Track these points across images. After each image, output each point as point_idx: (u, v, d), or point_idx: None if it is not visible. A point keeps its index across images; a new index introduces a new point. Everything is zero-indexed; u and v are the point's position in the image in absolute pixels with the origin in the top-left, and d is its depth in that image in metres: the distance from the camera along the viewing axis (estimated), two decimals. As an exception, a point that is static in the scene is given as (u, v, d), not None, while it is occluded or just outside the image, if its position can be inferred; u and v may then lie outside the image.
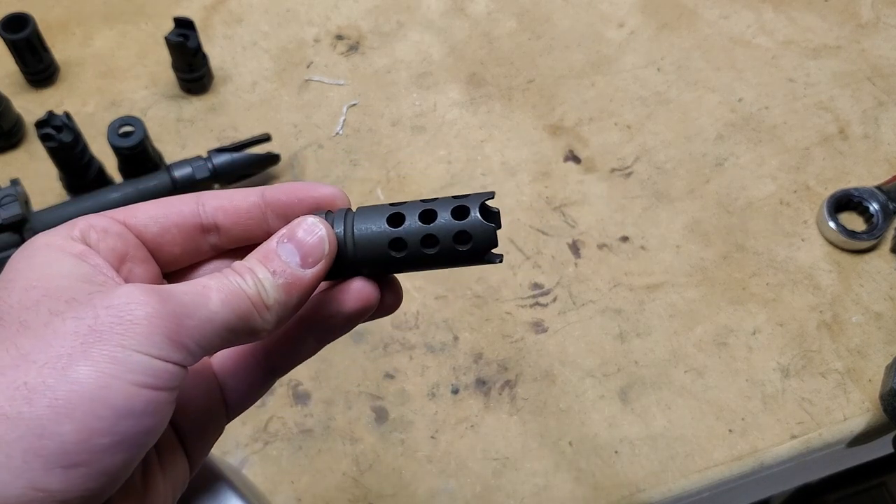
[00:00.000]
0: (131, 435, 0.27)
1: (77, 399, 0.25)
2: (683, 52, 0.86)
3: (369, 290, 0.34)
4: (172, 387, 0.28)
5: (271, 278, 0.31)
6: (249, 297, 0.30)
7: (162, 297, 0.28)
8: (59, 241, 0.31)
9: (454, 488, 0.61)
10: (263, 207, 0.34)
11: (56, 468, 0.25)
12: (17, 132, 0.77)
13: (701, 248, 0.73)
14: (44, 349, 0.26)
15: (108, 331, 0.27)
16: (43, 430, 0.25)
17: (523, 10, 0.89)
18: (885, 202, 0.73)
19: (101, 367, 0.26)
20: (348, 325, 0.34)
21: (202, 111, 0.80)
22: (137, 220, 0.33)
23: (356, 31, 0.87)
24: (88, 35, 0.86)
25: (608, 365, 0.67)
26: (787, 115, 0.81)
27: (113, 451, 0.26)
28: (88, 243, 0.32)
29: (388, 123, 0.80)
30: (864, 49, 0.86)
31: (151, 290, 0.28)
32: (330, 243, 0.32)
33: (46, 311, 0.28)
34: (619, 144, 0.79)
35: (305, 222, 0.32)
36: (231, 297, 0.30)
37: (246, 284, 0.30)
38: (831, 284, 0.71)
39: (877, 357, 0.67)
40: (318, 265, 0.32)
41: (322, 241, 0.32)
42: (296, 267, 0.31)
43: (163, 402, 0.28)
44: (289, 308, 0.31)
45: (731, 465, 0.63)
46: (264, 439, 0.63)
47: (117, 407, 0.26)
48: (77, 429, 0.25)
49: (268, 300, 0.30)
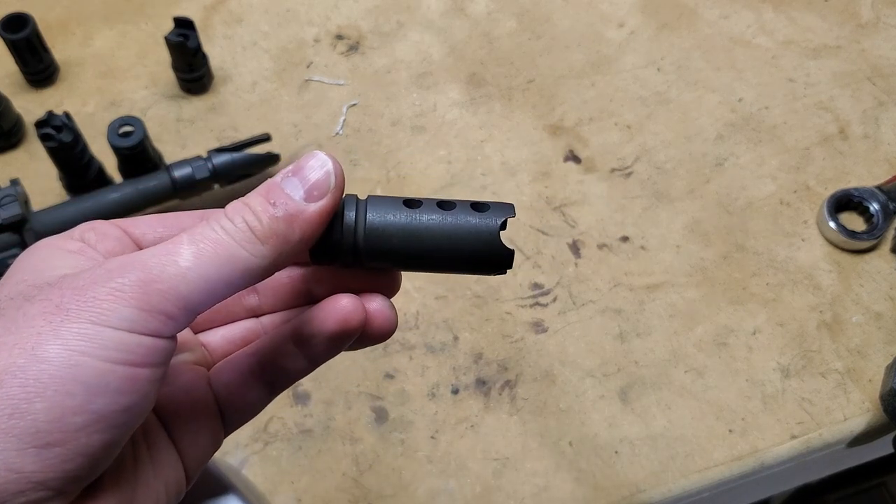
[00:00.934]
0: (107, 414, 0.26)
1: (48, 378, 0.25)
2: (683, 52, 0.86)
3: (349, 309, 0.32)
4: (152, 362, 0.27)
5: (271, 209, 0.29)
6: (232, 236, 0.29)
7: (125, 267, 0.27)
8: (57, 241, 0.31)
9: (454, 488, 0.61)
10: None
11: (29, 448, 0.25)
12: (16, 132, 0.77)
13: (701, 248, 0.73)
14: (14, 331, 0.26)
15: (76, 308, 0.26)
16: (14, 409, 0.25)
17: (523, 10, 0.89)
18: (886, 202, 0.73)
19: (71, 345, 0.26)
20: (332, 348, 0.33)
21: (202, 111, 0.80)
22: (138, 230, 0.33)
23: (356, 31, 0.87)
24: (88, 35, 0.86)
25: (608, 365, 0.67)
26: (787, 115, 0.81)
27: (89, 430, 0.26)
28: (86, 242, 0.32)
29: (388, 123, 0.80)
30: (864, 49, 0.86)
31: (119, 264, 0.27)
32: (337, 177, 0.31)
33: (22, 298, 0.27)
34: (619, 144, 0.79)
35: (313, 156, 0.31)
36: (206, 244, 0.28)
37: (229, 222, 0.29)
38: (831, 284, 0.71)
39: (877, 357, 0.67)
40: (323, 199, 0.30)
41: (329, 174, 0.30)
42: (299, 200, 0.30)
43: (141, 379, 0.27)
44: (290, 242, 0.30)
45: (732, 465, 0.63)
46: (264, 439, 0.63)
47: (90, 384, 0.25)
48: (48, 406, 0.25)
49: (262, 232, 0.29)
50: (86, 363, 0.26)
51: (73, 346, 0.26)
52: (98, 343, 0.26)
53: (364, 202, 0.32)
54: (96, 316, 0.26)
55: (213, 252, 0.28)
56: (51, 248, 0.31)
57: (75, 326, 0.26)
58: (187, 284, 0.28)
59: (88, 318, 0.26)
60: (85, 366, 0.26)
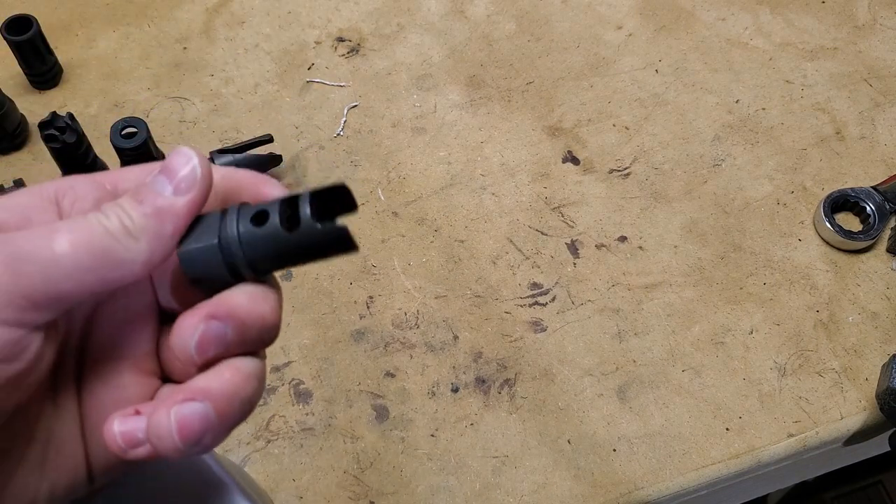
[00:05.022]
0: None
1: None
2: (681, 53, 0.86)
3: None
4: (12, 355, 0.26)
5: (139, 207, 0.29)
6: (108, 229, 0.28)
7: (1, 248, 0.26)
8: (34, 190, 0.29)
9: (454, 486, 0.62)
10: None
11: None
12: (20, 133, 0.77)
13: (698, 248, 0.74)
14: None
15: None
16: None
17: (522, 12, 0.90)
18: (882, 202, 0.74)
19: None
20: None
21: (204, 112, 0.81)
22: (128, 186, 0.32)
23: (357, 33, 0.88)
24: (91, 37, 0.86)
25: (606, 364, 0.67)
26: (784, 117, 0.82)
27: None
28: (60, 207, 0.30)
29: (388, 125, 0.81)
30: (861, 51, 0.87)
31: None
32: (202, 169, 0.30)
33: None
34: (618, 145, 0.80)
35: (178, 152, 0.30)
36: (83, 233, 0.27)
37: (105, 218, 0.28)
38: (828, 284, 0.72)
39: (873, 356, 0.68)
40: (191, 192, 0.30)
41: (194, 168, 0.30)
42: (168, 195, 0.29)
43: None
44: (163, 237, 0.29)
45: (729, 464, 0.63)
46: (266, 437, 0.64)
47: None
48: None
49: (134, 228, 0.28)
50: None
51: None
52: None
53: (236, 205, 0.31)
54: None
55: (90, 241, 0.27)
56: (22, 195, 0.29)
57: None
58: (61, 270, 0.26)
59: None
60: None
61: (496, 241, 0.73)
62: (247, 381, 0.29)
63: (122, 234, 0.28)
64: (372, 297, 0.70)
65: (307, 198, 0.30)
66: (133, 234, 0.28)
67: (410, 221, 0.74)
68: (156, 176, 0.30)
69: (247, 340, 0.30)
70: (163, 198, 0.29)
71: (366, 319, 0.69)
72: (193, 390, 0.28)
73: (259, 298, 0.30)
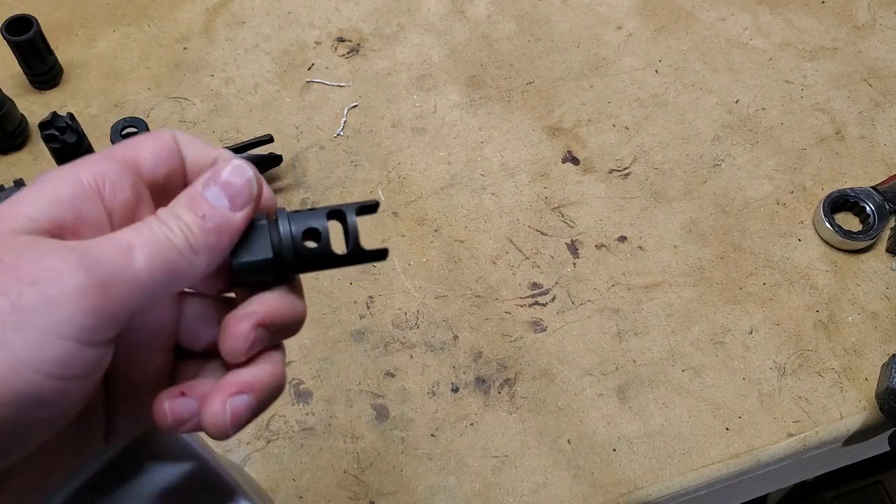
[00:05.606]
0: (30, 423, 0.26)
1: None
2: (681, 54, 0.87)
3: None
4: (88, 373, 0.27)
5: (200, 222, 0.30)
6: (175, 245, 0.29)
7: (86, 266, 0.26)
8: (65, 178, 0.29)
9: (454, 485, 0.62)
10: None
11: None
12: (20, 133, 0.78)
13: (698, 248, 0.74)
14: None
15: (32, 311, 0.25)
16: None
17: (522, 12, 0.90)
18: (882, 202, 0.74)
19: (17, 354, 0.24)
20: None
21: (204, 113, 0.81)
22: (147, 165, 0.32)
23: (357, 33, 0.88)
24: (91, 37, 0.86)
25: (606, 364, 0.67)
26: (784, 117, 0.82)
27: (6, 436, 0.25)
28: (101, 192, 0.30)
29: (388, 125, 0.81)
30: (861, 51, 0.87)
31: (77, 261, 0.26)
32: (258, 184, 0.31)
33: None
34: (617, 145, 0.80)
35: (233, 165, 0.31)
36: (158, 251, 0.28)
37: (170, 232, 0.29)
38: (828, 284, 0.72)
39: (873, 356, 0.68)
40: (247, 207, 0.31)
41: (250, 182, 0.31)
42: (224, 209, 0.30)
43: (72, 390, 0.26)
44: (219, 251, 0.30)
45: (728, 463, 0.63)
46: (266, 437, 0.64)
47: (19, 396, 0.25)
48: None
49: (196, 244, 0.29)
50: (25, 376, 0.25)
51: (19, 355, 0.25)
52: (45, 356, 0.25)
53: (284, 214, 0.33)
54: (52, 323, 0.25)
55: (163, 258, 0.28)
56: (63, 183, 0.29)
57: (28, 335, 0.25)
58: (140, 288, 0.28)
59: (43, 327, 0.25)
60: (23, 378, 0.25)
61: (496, 241, 0.74)
62: (281, 370, 0.33)
63: (186, 249, 0.29)
64: (372, 296, 0.70)
65: (353, 214, 0.33)
66: (195, 249, 0.29)
67: (410, 221, 0.74)
68: (211, 187, 0.31)
69: (282, 336, 0.33)
70: (221, 213, 0.30)
71: (366, 319, 0.69)
72: (242, 384, 0.31)
73: (294, 299, 0.34)
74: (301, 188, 0.76)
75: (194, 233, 0.29)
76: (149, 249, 0.28)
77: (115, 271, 0.27)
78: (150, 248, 0.28)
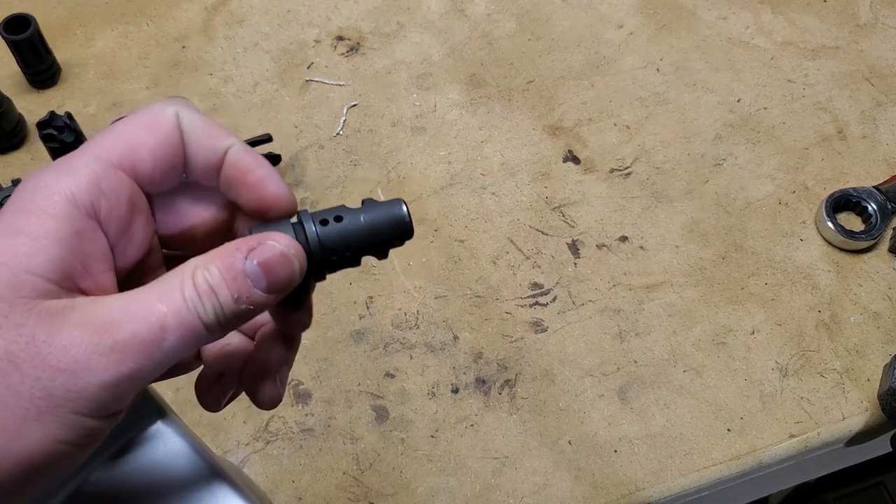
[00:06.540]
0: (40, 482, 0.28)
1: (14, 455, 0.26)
2: (682, 52, 0.86)
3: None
4: (102, 437, 0.28)
5: (233, 305, 0.29)
6: (205, 323, 0.28)
7: (118, 360, 0.27)
8: (60, 206, 0.28)
9: (454, 487, 0.62)
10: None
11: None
12: (18, 133, 0.77)
13: (700, 248, 0.73)
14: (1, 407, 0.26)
15: (63, 397, 0.26)
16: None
17: (523, 11, 0.89)
18: (884, 202, 0.74)
19: (51, 433, 0.26)
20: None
21: (204, 112, 0.81)
22: (145, 169, 0.31)
23: (356, 32, 0.87)
24: (90, 36, 0.86)
25: (607, 364, 0.67)
26: (786, 116, 0.82)
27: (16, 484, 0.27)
28: (98, 215, 0.29)
29: (388, 124, 0.81)
30: (863, 50, 0.87)
31: (110, 348, 0.27)
32: (302, 275, 0.31)
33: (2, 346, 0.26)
34: (618, 145, 0.79)
35: (278, 248, 0.30)
36: (188, 331, 0.28)
37: (204, 311, 0.28)
38: (830, 284, 0.71)
39: (875, 357, 0.68)
40: (283, 293, 0.30)
41: (294, 275, 0.30)
42: (260, 294, 0.29)
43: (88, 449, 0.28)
44: (241, 324, 0.30)
45: (730, 464, 0.63)
46: (265, 438, 0.63)
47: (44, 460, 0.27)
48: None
49: (225, 321, 0.29)
50: (54, 448, 0.27)
51: (53, 433, 0.26)
52: (74, 431, 0.27)
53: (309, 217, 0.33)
54: (82, 406, 0.27)
55: (191, 337, 0.28)
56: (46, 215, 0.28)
57: (60, 415, 0.26)
58: (164, 366, 0.28)
59: (73, 409, 0.27)
60: (53, 451, 0.27)
61: (496, 240, 0.73)
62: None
63: (215, 326, 0.29)
64: (372, 297, 0.70)
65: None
66: (223, 325, 0.29)
67: (410, 221, 0.74)
68: (253, 266, 0.29)
69: None
70: (257, 297, 0.29)
71: (365, 320, 0.69)
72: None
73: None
74: (300, 187, 0.76)
75: (226, 314, 0.29)
76: (180, 332, 0.28)
77: (145, 359, 0.27)
78: (181, 331, 0.28)
